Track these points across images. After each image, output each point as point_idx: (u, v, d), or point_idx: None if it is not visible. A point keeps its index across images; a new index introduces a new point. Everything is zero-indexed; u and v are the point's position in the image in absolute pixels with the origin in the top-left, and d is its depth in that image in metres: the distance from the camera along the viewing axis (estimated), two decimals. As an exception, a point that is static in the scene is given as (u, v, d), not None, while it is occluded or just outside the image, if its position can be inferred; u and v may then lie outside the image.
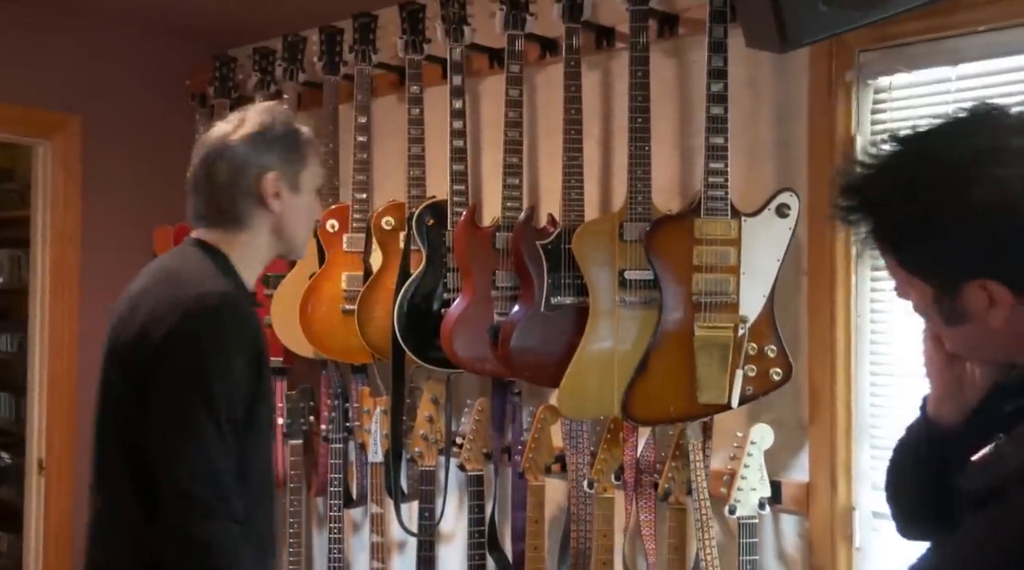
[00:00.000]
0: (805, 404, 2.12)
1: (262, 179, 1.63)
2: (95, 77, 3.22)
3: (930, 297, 1.07)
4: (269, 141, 1.64)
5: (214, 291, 1.55)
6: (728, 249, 2.01)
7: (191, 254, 1.64)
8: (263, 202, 1.64)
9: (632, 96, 2.13)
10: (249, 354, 1.54)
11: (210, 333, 1.52)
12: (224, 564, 1.49)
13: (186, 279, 1.58)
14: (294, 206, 1.67)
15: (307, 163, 1.69)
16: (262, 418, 1.59)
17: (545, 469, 2.33)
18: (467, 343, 2.35)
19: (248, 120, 1.66)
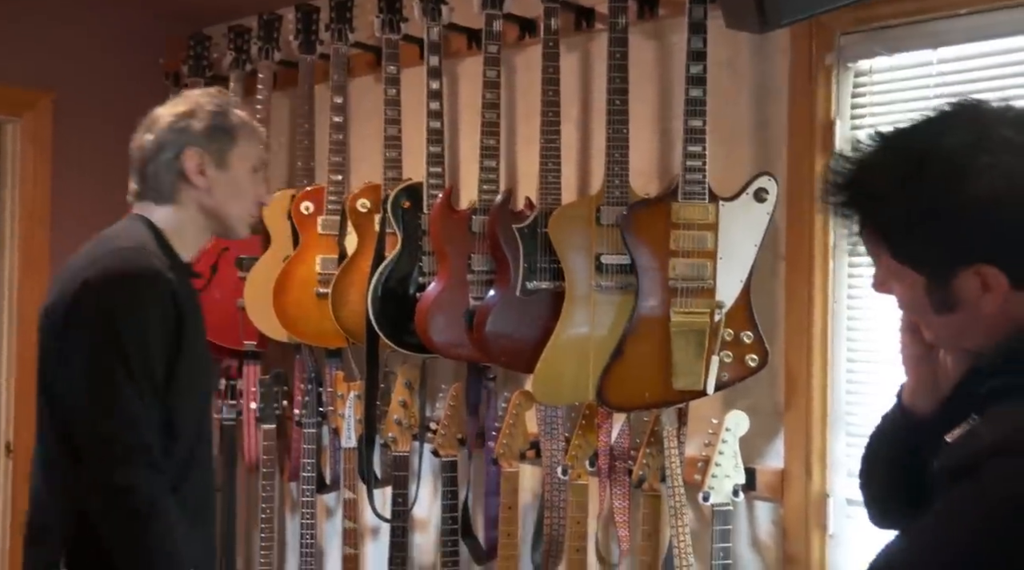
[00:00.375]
0: (781, 391, 2.10)
1: (183, 154, 1.67)
2: (68, 54, 3.15)
3: (921, 286, 1.07)
4: (197, 119, 1.69)
5: (128, 246, 1.60)
6: (705, 234, 1.98)
7: (125, 224, 1.70)
8: (186, 177, 1.68)
9: (610, 78, 2.10)
10: (165, 313, 1.56)
11: (122, 287, 1.56)
12: (143, 509, 1.51)
13: (109, 241, 1.64)
14: (220, 183, 1.70)
15: (236, 142, 1.72)
16: (187, 381, 1.61)
17: (519, 455, 2.30)
18: (442, 327, 2.32)
19: (183, 100, 1.72)
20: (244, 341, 2.84)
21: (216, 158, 1.70)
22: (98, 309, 1.55)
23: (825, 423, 2.05)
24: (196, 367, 1.66)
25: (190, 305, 1.65)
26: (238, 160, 1.72)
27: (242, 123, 1.75)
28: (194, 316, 1.66)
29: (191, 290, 1.72)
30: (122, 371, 1.52)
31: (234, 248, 2.83)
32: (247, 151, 1.74)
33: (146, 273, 1.57)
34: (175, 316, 1.58)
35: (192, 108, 1.70)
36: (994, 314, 1.04)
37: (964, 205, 1.01)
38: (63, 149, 3.14)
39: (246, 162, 1.74)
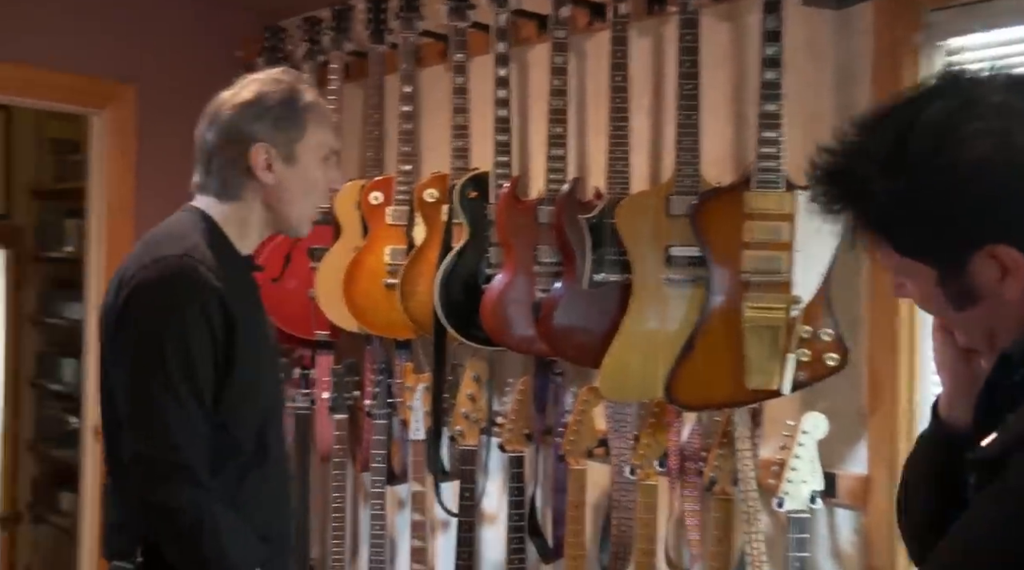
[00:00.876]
0: (864, 392, 1.97)
1: (250, 150, 1.57)
2: (149, 47, 3.22)
3: (934, 281, 0.96)
4: (262, 110, 1.58)
5: (173, 254, 1.51)
6: (781, 225, 1.87)
7: (180, 218, 1.62)
8: (253, 174, 1.59)
9: (681, 62, 2.01)
10: (211, 314, 1.49)
11: (163, 297, 1.49)
12: (188, 529, 1.47)
13: (156, 243, 1.56)
14: (289, 179, 1.61)
15: (306, 132, 1.61)
16: (245, 387, 1.55)
17: (587, 453, 2.24)
18: (508, 321, 2.27)
19: (247, 87, 1.61)
20: (316, 331, 2.85)
21: (284, 152, 1.59)
22: (139, 324, 1.49)
23: (912, 426, 1.92)
24: (256, 370, 1.59)
25: (245, 307, 1.58)
26: (308, 152, 1.61)
27: (311, 109, 1.63)
28: (252, 317, 1.60)
29: (249, 288, 1.66)
30: (164, 388, 1.46)
31: (306, 238, 2.83)
32: (317, 140, 1.63)
33: (190, 284, 1.49)
34: (224, 325, 1.50)
35: (258, 97, 1.59)
36: (1021, 300, 0.92)
37: (957, 177, 0.90)
38: (146, 141, 3.21)
39: (317, 153, 1.63)
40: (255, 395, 1.60)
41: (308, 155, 1.61)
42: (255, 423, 1.60)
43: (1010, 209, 0.90)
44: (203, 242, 1.55)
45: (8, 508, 4.49)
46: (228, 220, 1.62)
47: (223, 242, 1.61)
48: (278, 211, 1.63)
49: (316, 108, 1.64)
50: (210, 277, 1.50)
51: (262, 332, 1.66)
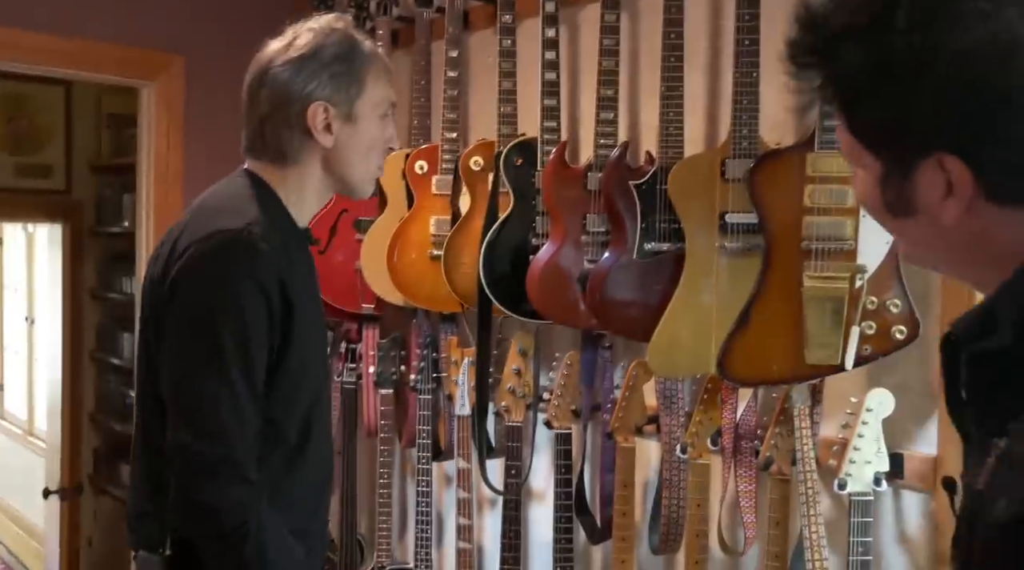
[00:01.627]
0: (935, 367, 1.84)
1: (308, 110, 1.45)
2: (196, 17, 3.19)
3: (875, 175, 0.85)
4: (318, 66, 1.45)
5: (231, 227, 1.39)
6: (845, 188, 1.74)
7: (234, 185, 1.50)
8: (311, 135, 1.47)
9: (739, 15, 1.88)
10: (270, 295, 1.38)
11: (218, 273, 1.37)
12: (232, 531, 1.35)
13: (214, 213, 1.45)
14: (350, 138, 1.49)
15: (365, 87, 1.49)
16: (298, 368, 1.45)
17: (636, 430, 2.15)
18: (554, 292, 2.18)
19: (298, 39, 1.47)
20: (363, 304, 2.80)
21: (344, 111, 1.47)
22: (194, 299, 1.37)
23: (987, 406, 1.78)
24: (309, 355, 1.50)
25: (304, 286, 1.47)
26: (368, 109, 1.50)
27: (370, 61, 1.50)
28: (309, 298, 1.50)
29: (306, 262, 1.56)
30: (217, 371, 1.35)
31: (352, 209, 2.79)
32: (377, 95, 1.51)
33: (250, 260, 1.37)
34: (283, 306, 1.39)
35: (313, 50, 1.45)
36: (958, 231, 0.80)
37: (936, 62, 0.76)
38: (194, 112, 3.19)
39: (377, 109, 1.51)
40: (307, 381, 1.50)
41: (369, 112, 1.50)
42: (303, 410, 1.50)
43: (981, 117, 0.76)
44: (264, 215, 1.44)
45: (70, 480, 4.58)
46: (286, 186, 1.50)
47: (282, 213, 1.50)
48: (339, 173, 1.52)
49: (374, 59, 1.51)
50: (272, 254, 1.39)
51: (317, 313, 1.57)
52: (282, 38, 1.50)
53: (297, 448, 1.49)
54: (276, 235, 1.43)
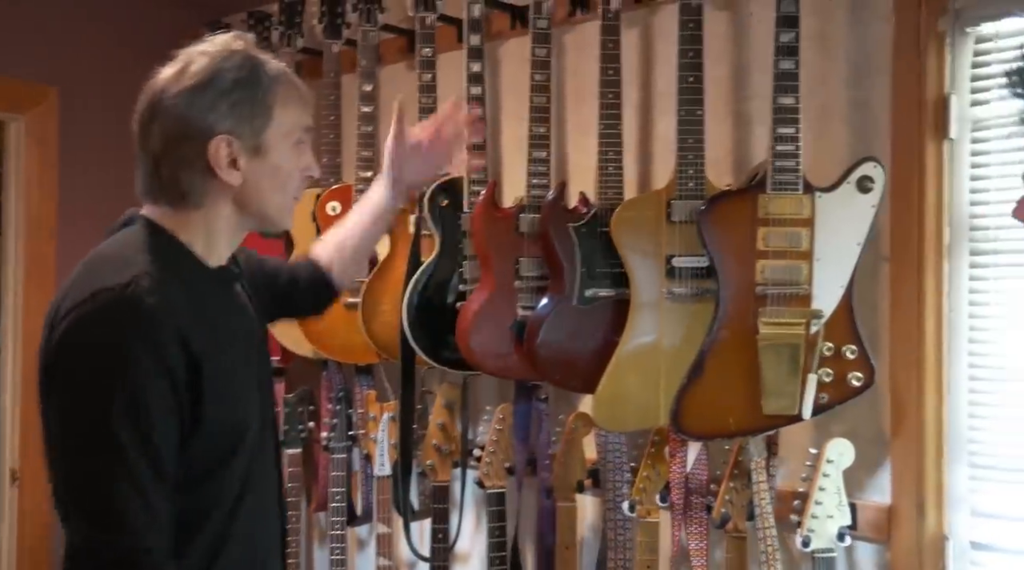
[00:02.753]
0: (886, 414, 1.80)
1: (208, 146, 1.25)
2: (74, 46, 2.92)
3: None
4: (216, 94, 1.24)
5: (113, 284, 1.18)
6: (799, 231, 1.69)
7: (127, 235, 1.29)
8: (215, 174, 1.26)
9: (682, 52, 1.81)
10: (166, 355, 1.18)
11: (102, 340, 1.17)
12: None
13: (98, 268, 1.24)
14: (260, 173, 1.28)
15: (272, 114, 1.28)
16: (221, 431, 1.24)
17: (577, 487, 2.02)
18: (487, 341, 2.04)
19: (192, 65, 1.26)
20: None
21: (251, 143, 1.27)
22: (76, 376, 1.17)
23: (941, 452, 1.75)
24: (235, 406, 1.29)
25: (218, 332, 1.26)
26: (279, 138, 1.29)
27: (277, 83, 1.29)
28: (229, 341, 1.29)
29: (225, 303, 1.35)
30: (113, 457, 1.15)
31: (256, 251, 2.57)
32: (288, 121, 1.30)
33: (137, 321, 1.18)
34: (187, 366, 1.20)
35: (210, 77, 1.24)
36: None
37: None
38: (69, 148, 2.90)
39: (289, 137, 1.31)
40: (236, 438, 1.29)
41: (279, 142, 1.29)
42: (239, 470, 1.29)
43: None
44: (156, 264, 1.23)
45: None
46: (189, 231, 1.30)
47: (184, 258, 1.29)
48: (254, 210, 1.31)
49: (282, 81, 1.30)
50: (164, 309, 1.19)
51: (247, 358, 1.35)
52: (174, 64, 1.29)
53: (230, 523, 1.27)
54: (174, 283, 1.23)
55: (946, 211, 1.74)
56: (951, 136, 1.73)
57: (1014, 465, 1.68)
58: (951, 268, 1.75)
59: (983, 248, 1.72)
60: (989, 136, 1.72)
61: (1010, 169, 1.70)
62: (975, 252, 1.73)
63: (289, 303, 1.67)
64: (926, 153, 1.74)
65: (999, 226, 1.70)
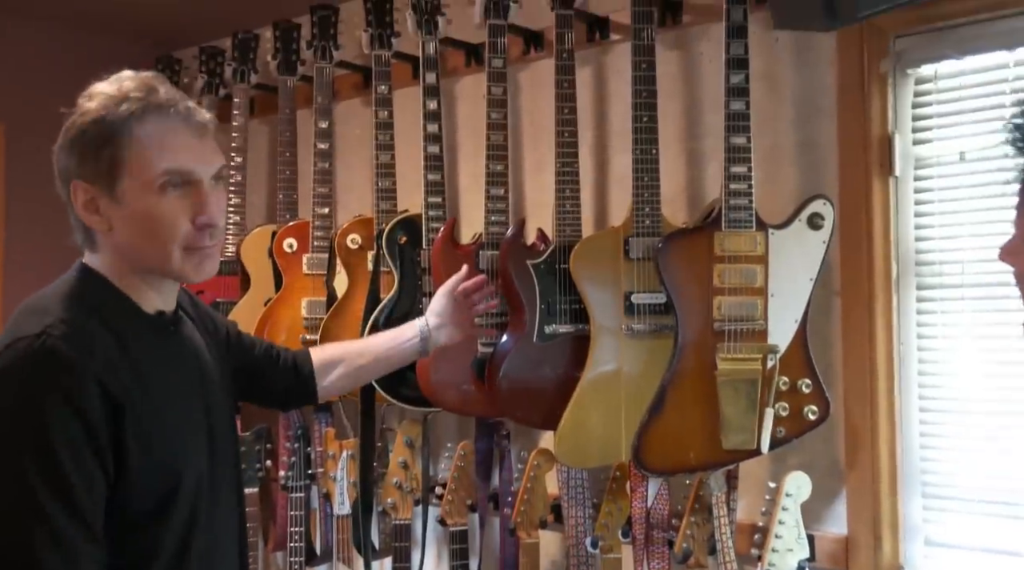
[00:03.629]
0: (840, 446, 1.83)
1: (71, 191, 1.23)
2: (20, 82, 2.87)
3: None
4: (74, 137, 1.22)
5: (26, 333, 1.16)
6: (754, 267, 1.72)
7: (58, 283, 1.28)
8: None
9: (636, 92, 1.85)
10: (84, 404, 1.14)
11: (14, 393, 1.14)
12: None
13: (21, 318, 1.21)
14: (124, 219, 1.22)
15: (124, 160, 1.20)
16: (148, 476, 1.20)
17: (540, 523, 2.02)
18: (447, 378, 2.04)
19: (80, 104, 1.24)
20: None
21: (105, 188, 1.21)
22: None
23: (895, 483, 1.79)
24: (160, 451, 1.24)
25: (145, 377, 1.22)
26: (138, 185, 1.21)
27: (132, 123, 1.20)
28: (159, 386, 1.25)
29: (160, 349, 1.29)
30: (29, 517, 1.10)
31: (210, 290, 2.54)
32: (149, 167, 1.21)
33: (48, 371, 1.14)
34: (105, 409, 1.16)
35: (74, 118, 1.22)
36: None
37: None
38: (16, 185, 2.84)
39: (149, 182, 1.21)
40: (169, 486, 1.24)
41: (140, 188, 1.21)
42: (180, 518, 1.25)
43: None
44: (76, 308, 1.20)
45: None
46: (112, 273, 1.27)
47: (116, 301, 1.26)
48: (134, 259, 1.26)
49: (142, 119, 1.21)
50: (79, 355, 1.15)
51: (179, 400, 1.30)
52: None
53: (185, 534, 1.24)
54: (95, 328, 1.20)
55: (893, 246, 1.79)
56: (896, 173, 1.78)
57: (967, 495, 1.73)
58: (899, 302, 1.79)
59: (929, 282, 1.77)
60: (931, 174, 1.77)
61: (952, 205, 1.76)
62: (921, 286, 1.78)
63: (260, 378, 1.60)
64: (873, 190, 1.79)
65: (943, 261, 1.76)
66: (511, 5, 2.08)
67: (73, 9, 2.77)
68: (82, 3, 2.71)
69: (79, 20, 2.87)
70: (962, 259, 1.73)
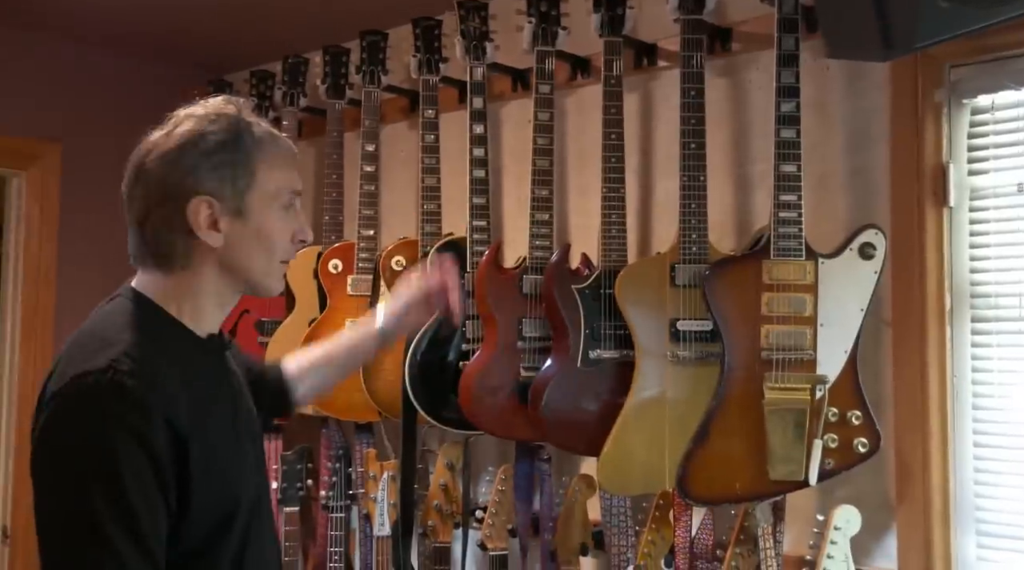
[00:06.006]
0: (891, 479, 1.80)
1: (188, 207, 1.24)
2: (76, 104, 2.95)
3: None
4: (198, 156, 1.24)
5: (92, 368, 1.16)
6: (803, 296, 1.70)
7: (111, 309, 1.27)
8: (196, 235, 1.25)
9: (684, 118, 1.84)
10: (150, 440, 1.15)
11: (81, 430, 1.14)
12: None
13: (81, 348, 1.21)
14: (243, 235, 1.27)
15: (256, 177, 1.26)
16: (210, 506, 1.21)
17: (581, 549, 2.00)
18: (489, 402, 2.04)
19: (178, 127, 1.26)
20: (265, 414, 2.56)
21: (232, 205, 1.26)
22: (56, 467, 1.15)
23: (947, 518, 1.75)
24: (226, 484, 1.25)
25: (206, 406, 1.24)
26: (263, 201, 1.28)
27: (262, 146, 1.28)
28: (217, 414, 1.27)
29: (216, 376, 1.32)
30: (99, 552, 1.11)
31: (255, 310, 2.57)
32: (273, 184, 1.28)
33: (117, 406, 1.14)
34: (173, 447, 1.17)
35: (193, 138, 1.24)
36: None
37: None
38: (70, 205, 2.91)
39: (274, 200, 1.29)
40: (227, 514, 1.25)
41: (264, 205, 1.27)
42: (233, 545, 1.25)
43: None
44: (140, 340, 1.21)
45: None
46: (176, 297, 1.28)
47: (170, 329, 1.27)
48: (236, 273, 1.29)
49: (269, 143, 1.29)
50: (147, 393, 1.16)
51: (231, 425, 1.31)
52: (163, 126, 1.29)
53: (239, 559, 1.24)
54: (159, 360, 1.20)
55: (947, 277, 1.76)
56: (950, 204, 1.76)
57: (1022, 533, 1.68)
58: (953, 333, 1.76)
59: (984, 315, 1.74)
60: (987, 205, 1.74)
61: (1009, 237, 1.73)
62: (976, 318, 1.75)
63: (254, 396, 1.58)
64: (926, 220, 1.77)
65: (999, 293, 1.72)
66: (559, 32, 2.09)
67: (127, 33, 2.84)
68: (136, 28, 2.78)
69: (133, 45, 2.94)
70: (1019, 292, 1.69)
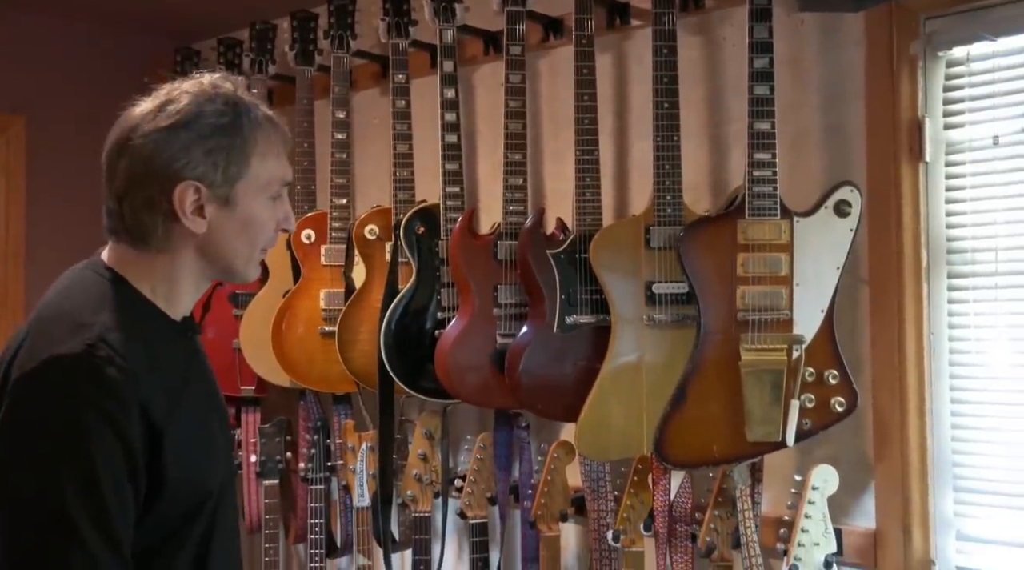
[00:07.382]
0: (869, 438, 1.79)
1: (174, 191, 1.17)
2: (40, 76, 2.88)
3: None
4: (192, 138, 1.16)
5: (68, 352, 1.11)
6: (779, 256, 1.68)
7: (84, 284, 1.22)
8: (178, 219, 1.19)
9: (657, 78, 1.81)
10: (124, 428, 1.11)
11: (52, 412, 1.10)
12: None
13: (52, 326, 1.17)
14: (228, 223, 1.21)
15: (249, 167, 1.20)
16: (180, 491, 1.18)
17: (560, 516, 1.99)
18: (466, 370, 2.02)
19: (171, 104, 1.18)
20: (241, 387, 2.54)
21: (222, 192, 1.19)
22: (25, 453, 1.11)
23: (925, 475, 1.75)
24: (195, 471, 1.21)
25: (179, 392, 1.19)
26: (253, 191, 1.21)
27: (259, 133, 1.21)
28: (190, 402, 1.22)
29: (187, 361, 1.27)
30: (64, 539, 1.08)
31: (228, 282, 2.53)
32: (266, 174, 1.22)
33: (95, 392, 1.10)
34: (146, 435, 1.13)
35: (188, 117, 1.17)
36: None
37: None
38: (37, 177, 2.86)
39: (265, 191, 1.23)
40: (197, 500, 1.21)
41: (253, 194, 1.21)
42: (200, 529, 1.22)
43: None
44: (116, 323, 1.15)
45: None
46: (151, 279, 1.22)
47: (145, 312, 1.22)
48: (215, 260, 1.23)
49: (267, 129, 1.22)
50: (124, 379, 1.11)
51: (206, 414, 1.27)
52: (154, 98, 1.21)
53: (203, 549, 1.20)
54: (134, 344, 1.16)
55: (923, 233, 1.74)
56: (926, 159, 1.74)
57: (1000, 489, 1.68)
58: (930, 290, 1.75)
59: (961, 270, 1.73)
60: (963, 159, 1.72)
61: (985, 191, 1.71)
62: (953, 274, 1.73)
63: None
64: (902, 176, 1.75)
65: (976, 249, 1.71)
66: (530, -9, 2.04)
67: (90, 3, 2.76)
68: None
69: (97, 14, 2.87)
70: (996, 246, 1.68)
